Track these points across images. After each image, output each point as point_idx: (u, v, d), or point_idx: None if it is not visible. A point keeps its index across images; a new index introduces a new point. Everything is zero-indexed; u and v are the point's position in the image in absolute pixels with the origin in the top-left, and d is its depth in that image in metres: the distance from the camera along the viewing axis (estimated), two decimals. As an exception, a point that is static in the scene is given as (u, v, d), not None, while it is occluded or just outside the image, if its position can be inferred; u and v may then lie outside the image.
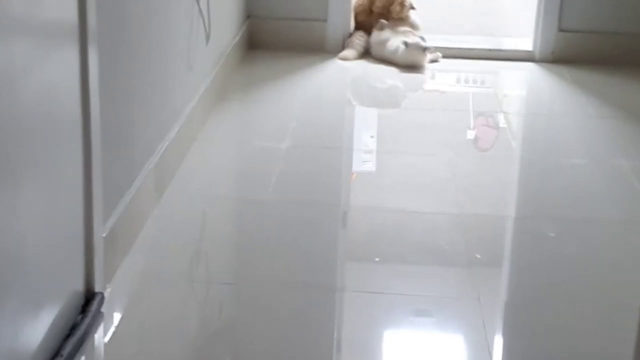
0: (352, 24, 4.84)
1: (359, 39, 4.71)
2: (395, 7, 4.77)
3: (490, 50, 4.90)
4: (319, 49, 4.72)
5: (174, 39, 3.27)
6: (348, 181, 3.41)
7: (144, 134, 2.91)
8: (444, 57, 4.77)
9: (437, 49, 4.75)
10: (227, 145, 3.59)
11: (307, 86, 4.29)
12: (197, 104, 3.53)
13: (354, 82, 4.51)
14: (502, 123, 4.06)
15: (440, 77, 4.63)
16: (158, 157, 3.00)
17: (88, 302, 2.31)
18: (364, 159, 3.61)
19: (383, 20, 4.74)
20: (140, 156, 2.87)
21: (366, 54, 4.71)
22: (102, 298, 2.36)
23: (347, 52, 4.66)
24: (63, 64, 2.15)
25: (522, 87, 4.72)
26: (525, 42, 4.86)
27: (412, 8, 4.82)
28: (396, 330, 2.46)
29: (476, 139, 3.92)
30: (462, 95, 4.48)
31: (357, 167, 3.54)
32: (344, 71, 4.55)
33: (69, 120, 2.20)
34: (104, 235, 2.43)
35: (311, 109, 4.01)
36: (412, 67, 4.53)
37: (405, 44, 4.53)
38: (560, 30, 4.73)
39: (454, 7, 6.01)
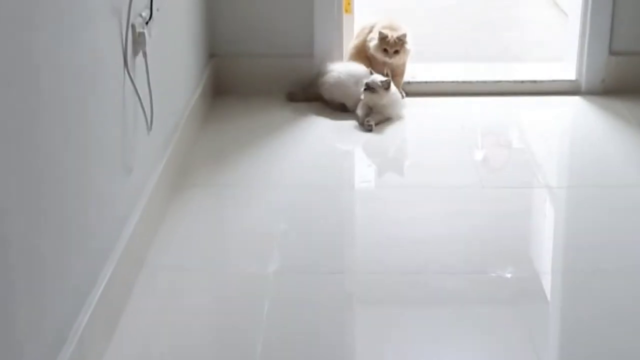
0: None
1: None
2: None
3: (520, 82, 3.85)
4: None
5: (100, 137, 2.19)
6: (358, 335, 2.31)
7: (53, 302, 1.84)
8: (457, 94, 3.78)
9: (449, 83, 3.82)
10: (186, 277, 2.45)
11: (296, 155, 3.20)
12: (140, 218, 2.43)
13: (357, 144, 3.39)
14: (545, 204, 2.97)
15: (447, 130, 3.48)
16: (79, 332, 1.94)
17: None
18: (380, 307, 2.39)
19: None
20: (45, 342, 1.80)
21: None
22: None
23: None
24: None
25: (565, 135, 3.60)
26: (566, 69, 3.82)
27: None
28: None
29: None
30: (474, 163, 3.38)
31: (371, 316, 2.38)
32: (341, 123, 3.47)
33: None
34: None
35: (305, 194, 2.91)
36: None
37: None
38: (612, 53, 3.71)
39: (470, 24, 4.94)
